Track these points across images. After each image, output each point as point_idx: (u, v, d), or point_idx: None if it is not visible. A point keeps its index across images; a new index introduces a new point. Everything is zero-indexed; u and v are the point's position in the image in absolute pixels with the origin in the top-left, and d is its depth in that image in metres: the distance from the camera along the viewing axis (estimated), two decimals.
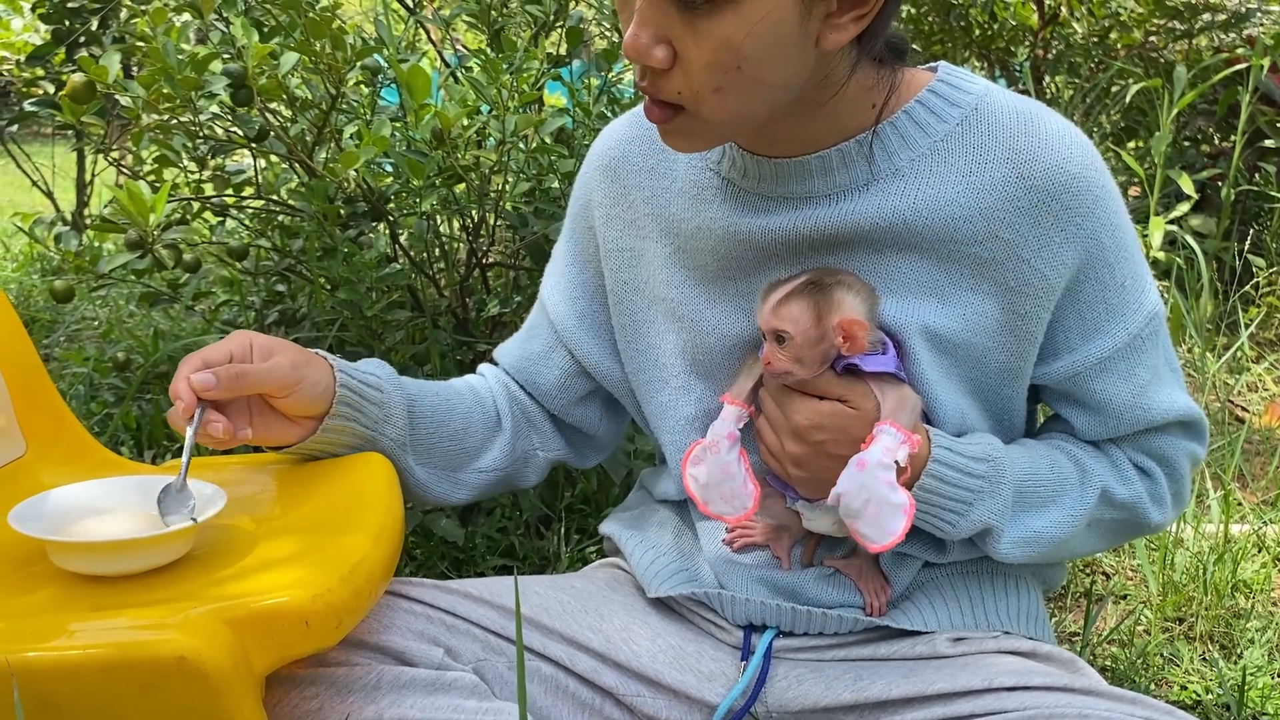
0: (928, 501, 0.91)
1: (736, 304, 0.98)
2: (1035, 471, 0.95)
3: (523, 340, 1.14)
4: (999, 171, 0.90)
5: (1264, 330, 2.87)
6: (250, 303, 1.91)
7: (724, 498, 0.96)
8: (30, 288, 3.33)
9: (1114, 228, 0.93)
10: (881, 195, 0.91)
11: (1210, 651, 1.45)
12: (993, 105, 0.92)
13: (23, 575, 0.84)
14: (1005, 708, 0.84)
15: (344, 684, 0.83)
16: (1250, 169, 3.27)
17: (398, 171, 1.71)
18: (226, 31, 1.58)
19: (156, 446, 1.83)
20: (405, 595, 0.93)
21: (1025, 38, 3.68)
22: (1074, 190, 0.90)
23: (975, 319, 0.92)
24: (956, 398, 0.94)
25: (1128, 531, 1.02)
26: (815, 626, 0.96)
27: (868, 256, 0.93)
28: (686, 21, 0.80)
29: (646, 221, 1.03)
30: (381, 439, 0.99)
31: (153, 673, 0.70)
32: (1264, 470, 2.08)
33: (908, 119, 0.92)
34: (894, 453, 0.87)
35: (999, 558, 0.95)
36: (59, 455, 1.04)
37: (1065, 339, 0.95)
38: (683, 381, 1.02)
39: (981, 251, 0.91)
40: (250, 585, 0.79)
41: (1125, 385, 0.95)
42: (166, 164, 1.66)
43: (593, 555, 1.58)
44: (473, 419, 1.07)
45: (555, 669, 0.95)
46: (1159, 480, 1.00)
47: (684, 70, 0.82)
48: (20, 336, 1.07)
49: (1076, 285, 0.93)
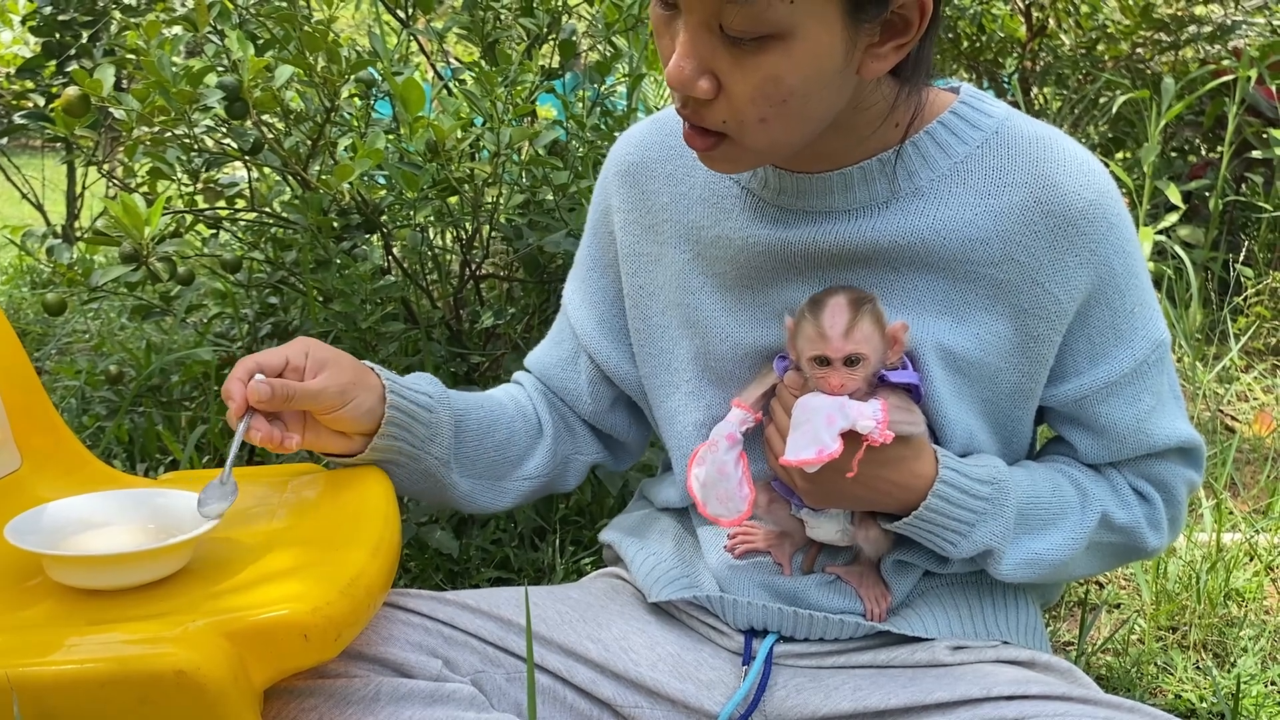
0: (931, 521, 0.91)
1: (751, 313, 0.99)
2: (1038, 494, 0.96)
3: (550, 347, 1.15)
4: (1017, 195, 0.91)
5: (1253, 340, 2.88)
6: (243, 315, 1.90)
7: (719, 498, 0.96)
8: (20, 301, 3.32)
9: (1126, 255, 0.94)
10: (901, 214, 0.92)
11: (1204, 660, 1.46)
12: (1013, 129, 0.93)
13: (19, 589, 0.83)
14: (1004, 716, 0.85)
15: (342, 695, 0.83)
16: (1237, 179, 3.30)
17: (391, 183, 1.71)
18: (221, 44, 1.58)
19: (149, 460, 1.82)
20: (403, 607, 0.93)
21: (1013, 49, 3.70)
22: (1090, 217, 0.91)
23: (990, 339, 0.93)
24: (967, 417, 0.95)
25: (1125, 555, 1.03)
26: (816, 631, 0.96)
27: (885, 274, 0.94)
28: (733, 55, 0.81)
29: (665, 227, 1.04)
30: (427, 457, 1.00)
31: (151, 686, 0.70)
32: (1255, 479, 2.09)
33: (929, 139, 0.93)
34: (860, 411, 0.86)
35: (1000, 578, 0.96)
36: (54, 469, 1.04)
37: (1074, 362, 0.96)
38: (693, 387, 1.03)
39: (997, 273, 0.92)
40: (249, 598, 0.79)
41: (1130, 410, 0.96)
42: (160, 176, 1.66)
43: (588, 567, 1.58)
44: (516, 429, 1.08)
45: (553, 680, 0.94)
46: (1157, 505, 1.01)
47: (728, 101, 0.83)
48: (15, 349, 1.07)
49: (1087, 310, 0.94)
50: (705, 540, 1.04)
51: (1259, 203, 3.15)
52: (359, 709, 0.82)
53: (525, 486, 1.09)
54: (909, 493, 0.91)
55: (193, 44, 1.65)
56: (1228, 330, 2.80)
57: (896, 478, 0.90)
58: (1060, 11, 3.56)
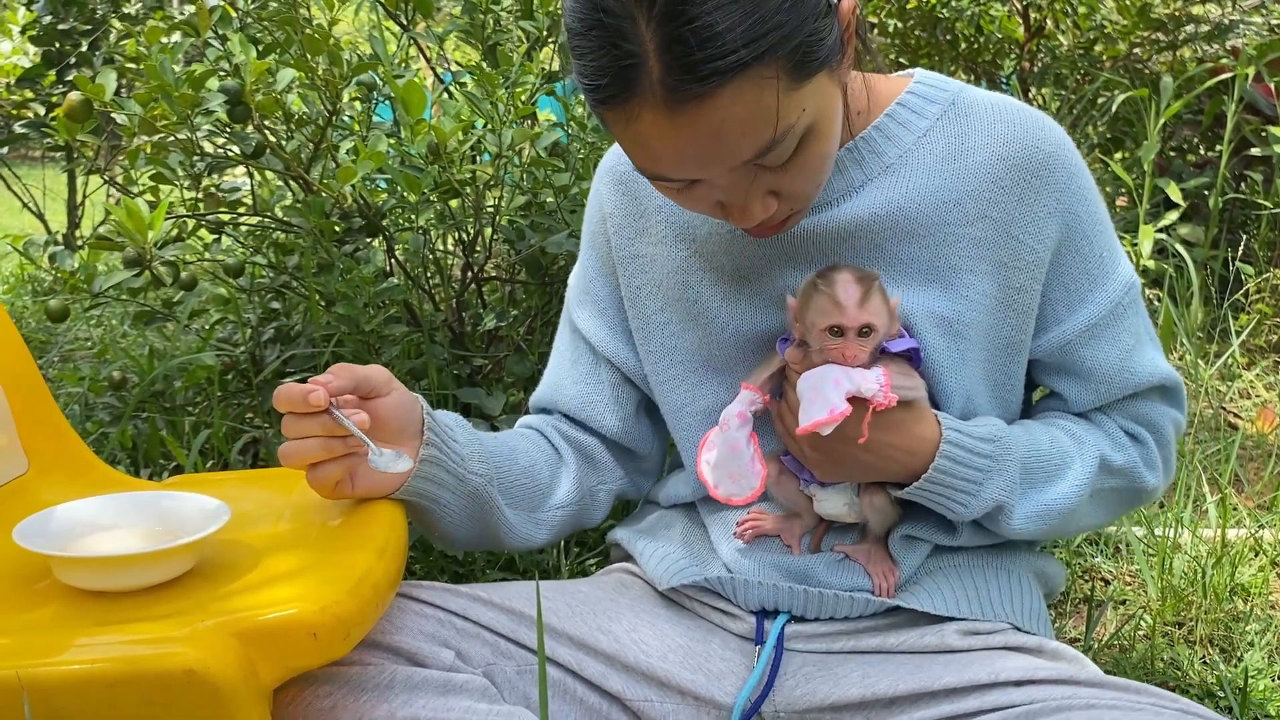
0: (940, 483, 0.94)
1: (750, 301, 1.02)
2: (1037, 447, 0.99)
3: (566, 370, 1.15)
4: (980, 155, 0.97)
5: (1254, 337, 2.88)
6: (246, 320, 1.90)
7: (731, 476, 0.98)
8: (22, 309, 3.33)
9: (1089, 203, 1.00)
10: (876, 190, 0.98)
11: (1210, 655, 1.46)
12: (968, 98, 1.00)
13: (28, 592, 0.83)
14: (1012, 702, 0.85)
15: (357, 682, 0.83)
16: (1236, 178, 3.30)
17: (393, 187, 1.71)
18: (222, 49, 1.58)
19: (153, 465, 1.82)
20: (416, 598, 0.93)
21: (1011, 50, 3.71)
22: (1051, 166, 0.97)
23: (977, 298, 0.97)
24: (964, 381, 0.98)
25: (1127, 500, 1.06)
26: (827, 610, 0.97)
27: (871, 251, 0.98)
28: (780, 170, 0.86)
29: (660, 228, 1.06)
30: (471, 476, 0.99)
31: (161, 686, 0.70)
32: (1259, 475, 2.09)
33: (890, 121, 0.99)
34: (864, 376, 0.90)
35: (1012, 534, 0.98)
36: (61, 473, 1.04)
37: (1054, 312, 1.00)
38: (699, 378, 1.06)
39: (974, 232, 0.97)
40: (257, 599, 0.79)
41: (1112, 350, 1.01)
42: (162, 181, 1.66)
43: (592, 568, 1.58)
44: (535, 456, 1.08)
45: (563, 673, 0.95)
46: (1149, 445, 1.05)
47: (789, 198, 0.89)
48: (22, 355, 1.07)
49: (1059, 258, 0.99)
50: (715, 532, 1.05)
51: (1259, 200, 3.15)
52: (373, 696, 0.82)
53: (558, 517, 1.09)
54: (915, 458, 0.93)
55: (190, 53, 1.65)
56: (1229, 328, 2.80)
57: (902, 443, 0.93)
58: (1058, 12, 3.56)
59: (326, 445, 0.89)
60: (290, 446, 0.90)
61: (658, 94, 0.78)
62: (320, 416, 0.88)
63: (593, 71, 0.80)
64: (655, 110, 0.79)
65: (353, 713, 0.81)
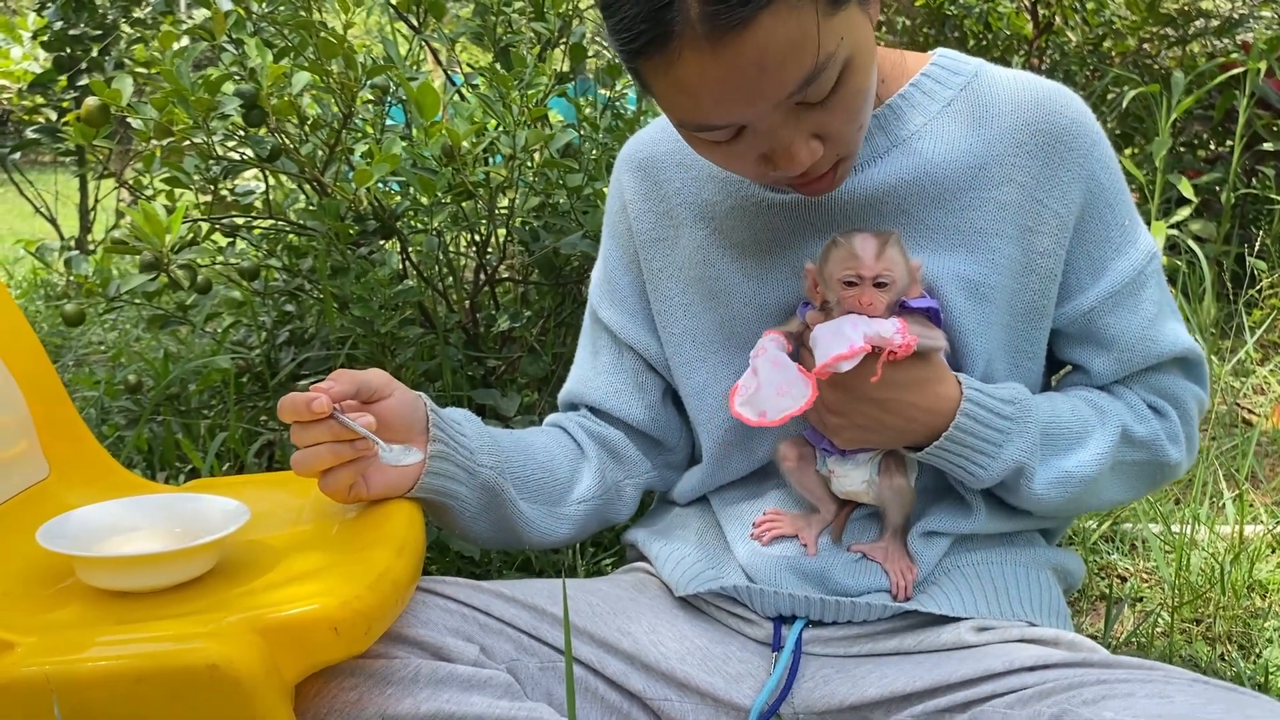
0: (960, 442, 0.94)
1: (773, 274, 1.03)
2: (1058, 415, 0.99)
3: (589, 363, 1.15)
4: (1005, 122, 0.99)
5: (1268, 333, 2.87)
6: (261, 323, 1.91)
7: (779, 391, 0.94)
8: (35, 314, 3.34)
9: (1110, 170, 1.01)
10: (902, 156, 0.99)
11: (1229, 651, 1.45)
12: (989, 71, 1.02)
13: (52, 592, 0.84)
14: (1025, 684, 0.86)
15: (382, 676, 0.83)
16: (1248, 173, 3.29)
17: (407, 189, 1.72)
18: (237, 53, 1.59)
19: (169, 468, 1.83)
20: (440, 593, 0.93)
21: (1020, 47, 3.70)
22: (1074, 133, 0.99)
23: (1002, 262, 0.98)
24: (987, 345, 0.99)
25: (1150, 475, 1.06)
26: (844, 615, 0.97)
27: (896, 214, 0.99)
28: (820, 108, 0.86)
29: (680, 210, 1.08)
30: (481, 469, 0.99)
31: (185, 681, 0.70)
32: (1275, 471, 2.08)
33: (915, 90, 1.01)
34: (881, 323, 0.90)
35: (1033, 503, 0.98)
36: (81, 477, 1.05)
37: (1077, 280, 1.01)
38: (720, 359, 1.06)
39: (1000, 195, 0.98)
40: (278, 595, 0.79)
41: (1134, 318, 1.01)
42: (176, 185, 1.67)
43: (608, 568, 1.58)
44: (555, 451, 1.08)
45: (586, 671, 0.95)
46: (1172, 419, 1.05)
47: (833, 142, 0.89)
48: (41, 361, 1.08)
49: (1083, 225, 1.00)
50: (731, 532, 1.05)
51: (1271, 195, 3.14)
52: (398, 690, 0.83)
53: (580, 511, 1.08)
54: (935, 416, 0.93)
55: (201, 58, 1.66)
56: (1242, 323, 2.79)
57: (922, 401, 0.93)
58: (1066, 8, 3.56)
59: (335, 451, 0.90)
60: (301, 455, 0.90)
61: (697, 30, 0.78)
62: (326, 422, 0.89)
63: (628, 21, 0.80)
64: (696, 47, 0.79)
65: (378, 706, 0.82)
